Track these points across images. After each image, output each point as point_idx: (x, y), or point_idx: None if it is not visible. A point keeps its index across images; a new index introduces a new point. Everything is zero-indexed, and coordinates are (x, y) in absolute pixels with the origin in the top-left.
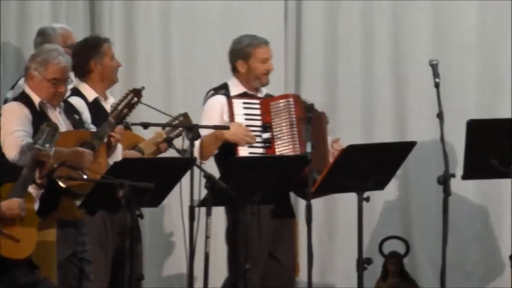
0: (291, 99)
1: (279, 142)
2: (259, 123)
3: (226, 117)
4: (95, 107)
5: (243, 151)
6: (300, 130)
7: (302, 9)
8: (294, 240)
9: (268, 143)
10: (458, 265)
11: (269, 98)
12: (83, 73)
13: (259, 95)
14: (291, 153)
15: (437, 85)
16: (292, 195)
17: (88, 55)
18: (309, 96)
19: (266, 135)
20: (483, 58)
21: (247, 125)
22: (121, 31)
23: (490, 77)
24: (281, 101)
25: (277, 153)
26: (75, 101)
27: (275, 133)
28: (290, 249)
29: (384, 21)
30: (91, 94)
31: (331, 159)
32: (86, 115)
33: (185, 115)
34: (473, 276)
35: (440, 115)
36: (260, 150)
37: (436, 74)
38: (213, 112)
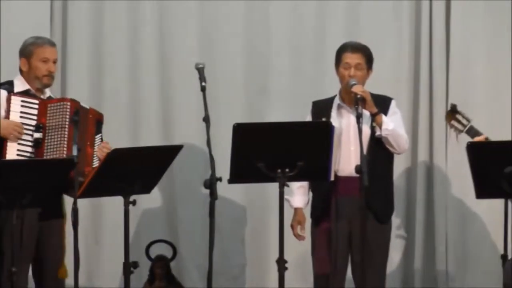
0: (67, 103)
1: (49, 144)
2: (34, 122)
3: (3, 112)
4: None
5: (12, 148)
6: (70, 134)
7: (68, 8)
8: (62, 241)
9: (38, 144)
10: (225, 268)
11: (49, 100)
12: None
13: (43, 96)
14: (57, 156)
15: (203, 89)
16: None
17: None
18: (75, 96)
19: (37, 135)
20: (248, 63)
21: (22, 123)
22: None
23: (257, 80)
24: (58, 104)
25: (45, 155)
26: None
27: (46, 135)
28: (57, 250)
29: (150, 24)
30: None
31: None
32: None
33: None
34: (239, 280)
35: (206, 119)
36: (29, 149)
37: (202, 78)
38: None
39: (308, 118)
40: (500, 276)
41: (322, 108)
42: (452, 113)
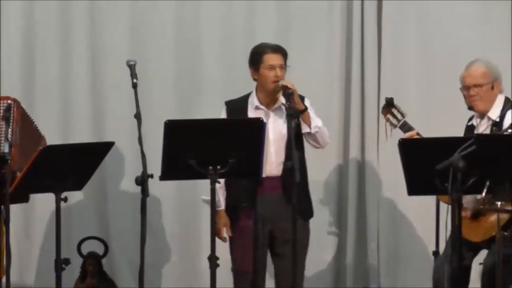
0: (10, 102)
1: None
2: None
3: None
4: None
5: None
6: (5, 131)
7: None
8: None
9: None
10: (156, 265)
11: None
12: None
13: None
14: None
15: (134, 86)
16: None
17: None
18: (7, 93)
19: None
20: (180, 60)
21: None
22: None
23: (188, 78)
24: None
25: None
26: None
27: None
28: None
29: (81, 21)
30: None
31: None
32: None
33: None
34: (171, 277)
35: (137, 116)
36: None
37: (133, 75)
38: None
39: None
40: (431, 273)
41: (237, 108)
42: (388, 106)
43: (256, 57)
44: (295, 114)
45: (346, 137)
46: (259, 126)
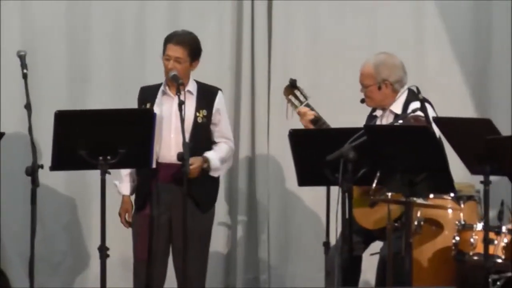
0: None
1: None
2: None
3: None
4: None
5: None
6: None
7: None
8: None
9: None
10: (47, 256)
11: None
12: None
13: None
14: None
15: (25, 76)
16: None
17: None
18: None
19: None
20: (70, 51)
21: None
22: None
23: (79, 68)
24: None
25: None
26: None
27: None
28: None
29: None
30: None
31: None
32: None
33: None
34: (61, 267)
35: (28, 106)
36: None
37: (23, 65)
38: None
39: (136, 103)
40: (322, 263)
41: (148, 94)
42: (291, 88)
43: (163, 44)
44: (181, 103)
45: (237, 128)
46: (148, 116)
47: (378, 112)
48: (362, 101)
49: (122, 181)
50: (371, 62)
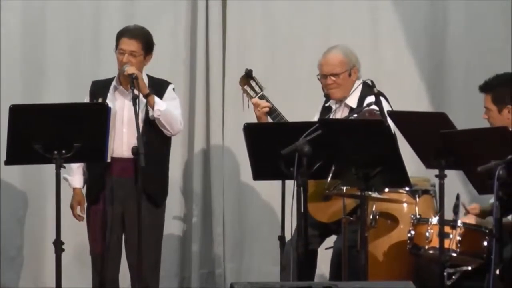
0: None
1: None
2: None
3: None
4: None
5: None
6: None
7: None
8: None
9: None
10: (2, 249)
11: None
12: None
13: None
14: None
15: None
16: None
17: None
18: None
19: None
20: (25, 43)
21: None
22: None
23: (34, 62)
24: None
25: None
26: None
27: None
28: None
29: None
30: None
31: None
32: None
33: None
34: (16, 261)
35: None
36: None
37: None
38: None
39: (87, 97)
40: (278, 257)
41: (100, 88)
42: (247, 78)
43: (116, 39)
44: (135, 97)
45: (191, 121)
46: (103, 111)
47: (332, 102)
48: (327, 96)
49: (73, 174)
50: (338, 50)
